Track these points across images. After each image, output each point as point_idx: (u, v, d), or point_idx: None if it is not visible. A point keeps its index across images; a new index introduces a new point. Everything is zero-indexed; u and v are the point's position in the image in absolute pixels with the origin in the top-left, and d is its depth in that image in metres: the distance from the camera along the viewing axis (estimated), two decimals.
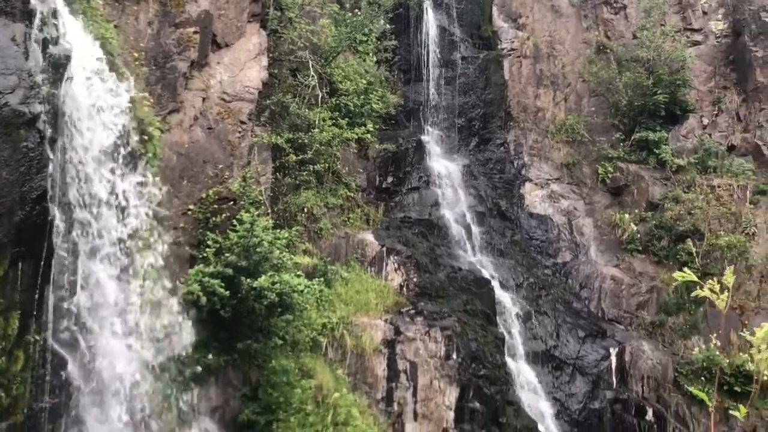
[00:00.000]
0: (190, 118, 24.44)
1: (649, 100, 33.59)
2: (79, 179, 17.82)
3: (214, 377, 21.96)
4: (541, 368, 28.29)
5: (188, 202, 23.33)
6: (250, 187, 24.34)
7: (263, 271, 21.58)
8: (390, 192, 31.15)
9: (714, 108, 34.95)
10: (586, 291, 31.58)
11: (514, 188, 33.49)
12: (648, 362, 28.88)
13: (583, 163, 34.20)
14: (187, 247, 22.62)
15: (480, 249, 30.86)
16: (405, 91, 34.18)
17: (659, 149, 33.23)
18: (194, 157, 24.09)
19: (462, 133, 34.66)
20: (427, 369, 24.61)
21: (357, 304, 25.47)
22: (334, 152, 28.26)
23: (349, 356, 24.30)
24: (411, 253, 28.15)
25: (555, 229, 32.86)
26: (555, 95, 35.37)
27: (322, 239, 27.21)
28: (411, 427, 24.06)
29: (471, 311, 26.86)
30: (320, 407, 22.61)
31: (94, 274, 18.22)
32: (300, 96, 28.28)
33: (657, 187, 32.91)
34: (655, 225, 31.97)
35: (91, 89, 18.53)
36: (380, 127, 31.09)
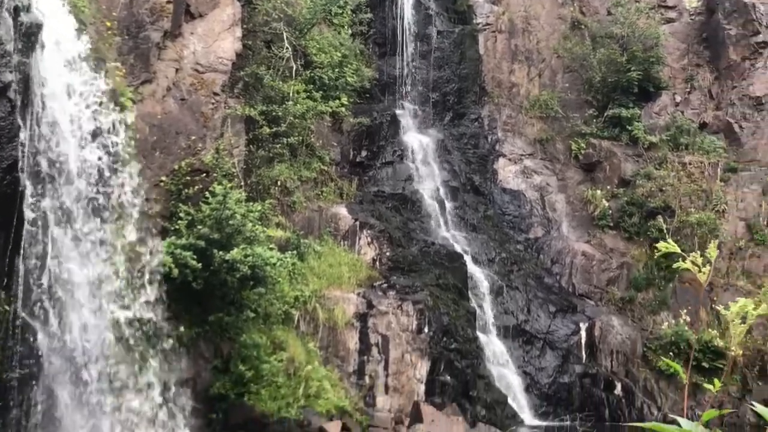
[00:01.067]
0: (162, 89, 24.25)
1: (623, 76, 33.68)
2: (50, 149, 17.67)
3: (185, 349, 21.91)
4: (512, 342, 28.49)
5: (160, 173, 23.20)
6: (223, 159, 24.22)
7: (236, 243, 21.53)
8: (364, 166, 31.12)
9: (687, 85, 35.12)
10: (557, 266, 31.77)
11: (488, 163, 33.55)
12: (617, 337, 29.15)
13: (556, 139, 34.28)
14: (159, 218, 22.50)
15: (453, 224, 30.94)
16: (380, 65, 34.06)
17: (632, 126, 33.37)
18: (167, 128, 23.93)
19: (436, 107, 34.64)
20: (398, 342, 24.71)
21: (330, 278, 25.49)
22: (308, 125, 28.16)
23: (321, 329, 24.35)
24: (384, 227, 28.18)
25: (527, 205, 32.98)
26: (529, 71, 35.39)
27: (296, 212, 27.16)
28: (382, 400, 24.18)
29: (443, 285, 26.97)
30: (292, 380, 22.66)
31: (64, 244, 18.10)
32: (274, 68, 28.13)
33: (629, 163, 33.08)
34: (626, 201, 32.17)
35: (61, 57, 18.35)
36: (355, 100, 31.00)
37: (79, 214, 18.42)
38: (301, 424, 22.01)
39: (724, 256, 30.89)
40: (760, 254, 30.77)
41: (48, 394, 17.41)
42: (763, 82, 33.74)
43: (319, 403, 22.48)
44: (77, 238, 18.40)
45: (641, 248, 31.30)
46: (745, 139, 33.13)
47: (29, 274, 16.87)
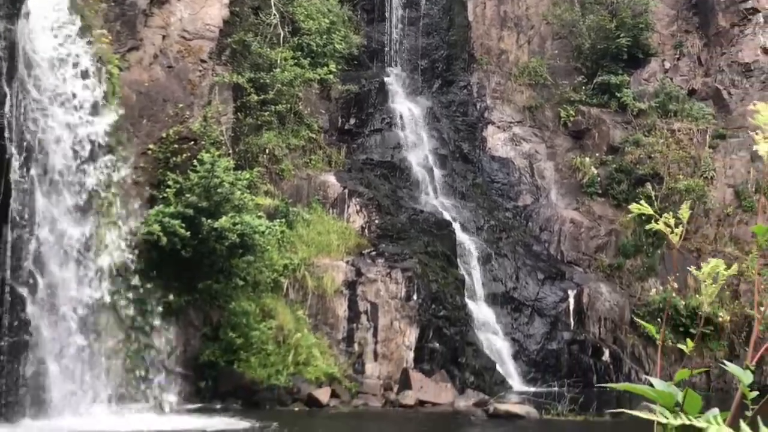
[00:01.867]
0: (149, 56, 24.10)
1: (612, 43, 33.57)
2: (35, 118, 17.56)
3: (174, 317, 21.95)
4: (501, 309, 28.58)
5: (148, 141, 23.09)
6: (210, 127, 24.13)
7: (224, 212, 21.51)
8: (352, 134, 31.03)
9: (676, 52, 35.04)
10: (545, 234, 31.82)
11: (477, 131, 33.48)
12: (605, 304, 29.28)
13: (545, 107, 34.21)
14: (147, 187, 22.44)
15: (442, 191, 30.92)
16: (368, 32, 33.86)
17: (621, 93, 33.31)
18: (154, 95, 23.80)
19: (425, 74, 34.51)
20: (387, 310, 24.77)
21: (318, 246, 25.49)
22: (296, 93, 28.02)
23: (310, 297, 24.39)
24: (373, 195, 28.16)
25: (516, 173, 32.97)
26: (518, 37, 35.23)
27: (284, 180, 27.11)
28: (371, 367, 24.27)
29: (432, 253, 26.99)
30: (281, 347, 22.72)
31: (52, 213, 18.04)
32: (261, 35, 27.95)
33: (618, 130, 33.06)
34: (615, 169, 32.18)
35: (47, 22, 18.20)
36: (343, 67, 30.84)
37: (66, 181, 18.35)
38: (291, 390, 22.11)
39: (712, 222, 31.00)
40: (747, 221, 30.87)
41: (37, 361, 17.43)
42: (752, 48, 33.68)
43: (308, 370, 22.56)
44: (64, 205, 18.35)
45: (629, 215, 31.32)
46: (734, 106, 33.12)
47: (17, 243, 16.82)
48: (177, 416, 19.47)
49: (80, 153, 19.02)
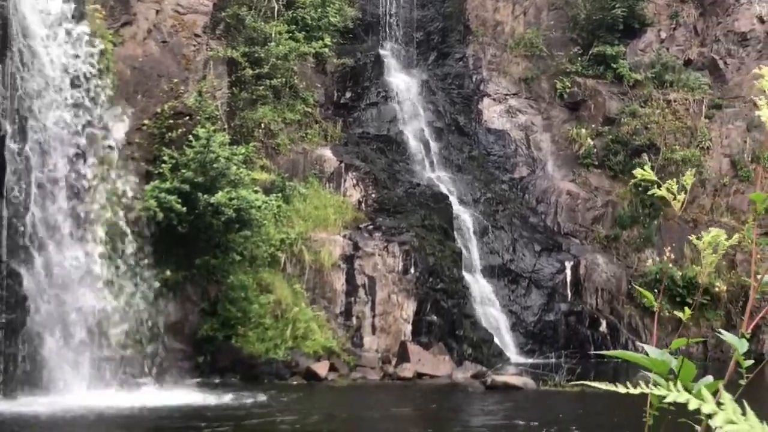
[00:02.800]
0: (143, 31, 23.96)
1: (608, 13, 33.42)
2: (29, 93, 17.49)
3: (172, 293, 21.98)
4: (498, 282, 28.64)
5: (143, 117, 23.01)
6: (205, 101, 24.04)
7: (220, 186, 21.49)
8: (348, 107, 30.95)
9: (672, 22, 34.90)
10: (542, 206, 31.83)
11: (473, 103, 33.39)
12: (602, 275, 29.35)
13: (541, 78, 34.12)
14: (143, 162, 22.39)
15: (438, 164, 30.89)
16: (363, 4, 33.67)
17: (617, 64, 33.22)
18: (148, 71, 23.69)
19: (420, 47, 34.38)
20: (385, 283, 24.81)
21: (315, 220, 25.49)
22: (291, 67, 27.91)
23: (307, 271, 24.41)
24: (369, 169, 28.13)
25: (512, 145, 32.93)
26: (514, 8, 35.07)
27: (280, 155, 27.06)
28: (369, 340, 24.34)
29: (429, 226, 27.00)
30: (279, 321, 22.77)
31: (48, 189, 18.01)
32: (256, 8, 27.80)
33: (614, 101, 33.00)
34: (611, 139, 32.16)
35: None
36: (338, 41, 30.69)
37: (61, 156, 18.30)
38: (289, 364, 22.17)
39: (709, 192, 31.02)
40: (744, 190, 30.88)
41: (35, 338, 17.45)
42: (748, 17, 33.56)
43: (306, 344, 22.62)
44: (61, 181, 18.31)
45: (626, 186, 31.35)
46: (730, 76, 33.06)
47: (13, 219, 16.79)
48: (175, 391, 19.52)
49: (74, 127, 18.95)
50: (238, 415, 16.96)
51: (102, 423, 16.37)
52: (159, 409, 17.29)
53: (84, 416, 16.34)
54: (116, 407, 17.27)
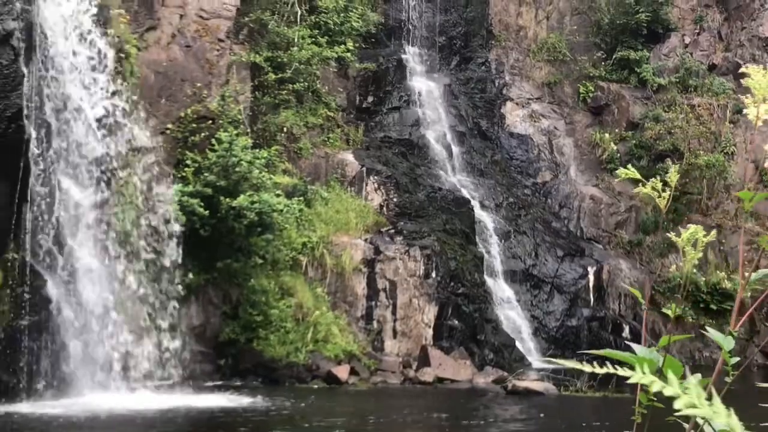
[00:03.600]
0: (167, 36, 24.13)
1: (631, 18, 33.31)
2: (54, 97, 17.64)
3: (194, 296, 22.10)
4: (520, 287, 28.58)
5: (166, 121, 23.17)
6: (228, 106, 24.17)
7: (242, 190, 21.60)
8: (370, 112, 30.99)
9: (696, 26, 34.73)
10: (565, 210, 31.74)
11: (495, 108, 33.36)
12: (625, 280, 29.22)
13: (564, 83, 34.05)
14: (166, 166, 22.52)
15: (460, 169, 30.88)
16: (385, 9, 33.72)
17: (640, 68, 33.10)
18: (172, 75, 23.85)
19: (443, 51, 34.38)
20: (406, 287, 24.82)
21: (337, 224, 25.54)
22: (313, 71, 27.98)
23: (329, 275, 24.46)
24: (391, 173, 28.16)
25: (535, 149, 32.87)
26: (537, 13, 35.03)
27: (302, 159, 27.14)
28: (390, 345, 24.36)
29: (450, 231, 26.99)
30: (300, 325, 22.83)
31: (71, 192, 18.15)
32: (279, 13, 27.90)
33: (637, 106, 32.87)
34: (634, 144, 32.04)
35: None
36: (360, 45, 30.74)
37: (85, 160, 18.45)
38: (310, 368, 22.23)
39: (733, 198, 30.83)
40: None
41: (58, 340, 17.59)
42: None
43: (327, 347, 22.67)
44: (84, 184, 18.45)
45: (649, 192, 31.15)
46: None
47: (37, 223, 16.94)
48: (198, 394, 19.60)
49: (98, 132, 19.11)
50: (262, 419, 17.02)
51: (126, 425, 16.46)
52: (182, 411, 17.37)
53: (108, 418, 16.44)
54: (140, 409, 17.36)
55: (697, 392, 1.26)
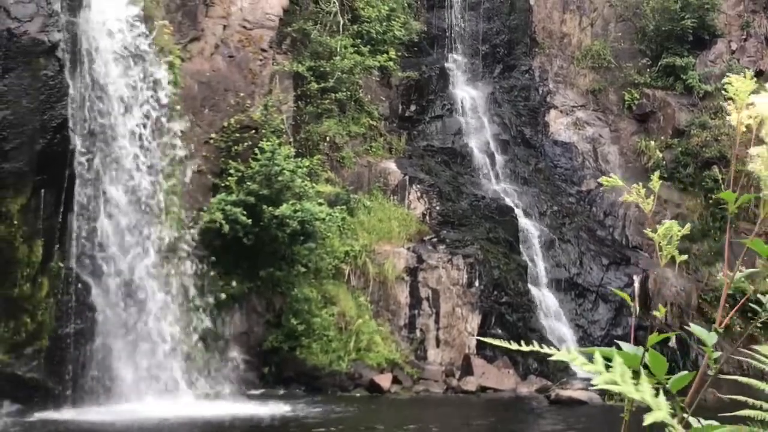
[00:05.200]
0: (211, 46, 24.35)
1: (677, 24, 32.96)
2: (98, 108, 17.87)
3: (238, 304, 22.24)
4: (564, 295, 28.35)
5: (210, 131, 23.37)
6: (271, 115, 24.32)
7: (285, 199, 21.71)
8: (413, 120, 30.98)
9: (742, 32, 34.29)
10: (610, 219, 31.45)
11: (539, 116, 33.19)
12: (672, 289, 28.87)
13: (609, 90, 33.78)
14: (210, 175, 22.73)
15: (503, 177, 30.75)
16: (428, 18, 33.72)
17: (686, 75, 32.72)
18: (215, 85, 24.06)
19: (486, 60, 34.27)
20: (449, 296, 24.75)
21: (379, 233, 25.55)
22: (356, 80, 28.06)
23: (371, 284, 24.48)
24: (434, 182, 28.12)
25: (579, 157, 32.63)
26: (581, 20, 34.81)
27: (345, 168, 27.21)
28: (433, 354, 24.29)
29: (494, 239, 26.88)
30: (343, 333, 22.87)
31: (117, 202, 18.36)
32: (321, 23, 28.04)
33: (683, 113, 32.50)
34: (680, 152, 31.67)
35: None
36: (403, 54, 30.75)
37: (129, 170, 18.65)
38: (353, 376, 22.25)
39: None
40: None
41: (103, 348, 17.78)
42: None
43: (369, 356, 22.68)
44: (129, 193, 18.65)
45: (696, 199, 30.84)
46: None
47: (82, 232, 17.16)
48: (241, 401, 19.70)
49: (142, 141, 19.32)
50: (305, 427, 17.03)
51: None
52: (227, 419, 17.44)
53: (153, 426, 16.58)
54: (185, 417, 17.47)
55: (622, 370, 1.27)
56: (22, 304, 15.97)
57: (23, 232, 15.56)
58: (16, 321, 15.94)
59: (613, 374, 1.28)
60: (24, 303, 16.00)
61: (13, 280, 15.73)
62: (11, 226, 15.42)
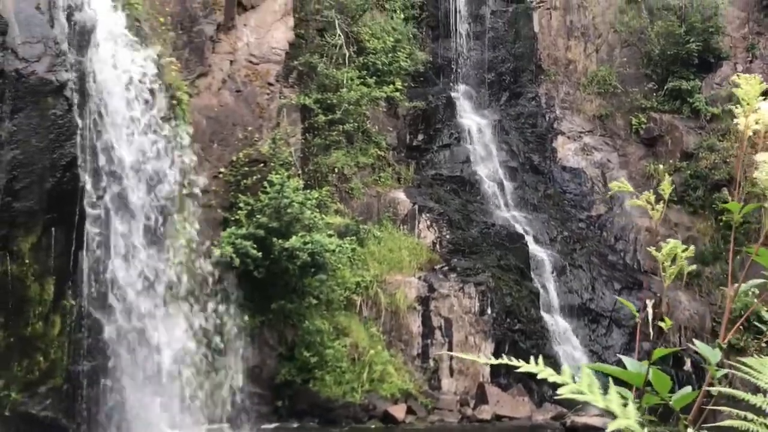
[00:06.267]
0: (218, 82, 24.51)
1: (682, 48, 33.05)
2: (108, 146, 17.98)
3: (250, 338, 22.21)
4: (577, 321, 28.24)
5: (219, 165, 23.47)
6: (279, 148, 24.42)
7: (295, 231, 21.73)
8: (421, 150, 31.06)
9: (748, 54, 34.36)
10: (621, 243, 31.39)
11: (547, 142, 33.24)
12: (685, 312, 28.74)
13: (616, 115, 33.83)
14: (220, 209, 22.80)
15: (513, 204, 30.75)
16: (434, 48, 33.93)
17: (693, 98, 32.76)
18: (224, 120, 24.19)
19: (492, 88, 34.41)
20: (461, 325, 24.69)
21: (390, 263, 25.55)
22: (363, 111, 28.18)
23: (383, 314, 24.44)
24: (443, 210, 28.14)
25: (588, 182, 32.62)
26: (586, 47, 34.95)
27: (354, 199, 27.26)
28: (447, 383, 24.20)
29: (505, 266, 26.85)
30: (356, 365, 22.81)
31: (127, 239, 18.42)
32: (327, 56, 28.21)
33: (691, 136, 32.51)
34: (690, 175, 31.64)
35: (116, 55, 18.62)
36: (409, 84, 30.91)
37: (139, 206, 18.72)
38: (366, 407, 22.16)
39: None
40: None
41: (116, 385, 17.78)
42: None
43: (383, 387, 22.60)
44: (138, 229, 18.72)
45: (707, 221, 30.78)
46: None
47: (93, 269, 17.21)
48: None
49: (152, 178, 19.41)
50: None
51: None
52: None
53: None
54: None
55: (589, 381, 1.30)
56: (35, 343, 16.00)
57: (34, 270, 15.62)
58: (30, 359, 15.97)
59: (580, 385, 1.30)
60: (37, 341, 16.03)
61: (25, 319, 15.77)
62: (23, 264, 15.49)
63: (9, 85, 15.18)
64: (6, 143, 15.09)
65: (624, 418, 1.29)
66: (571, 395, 1.28)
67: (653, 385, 1.87)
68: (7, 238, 15.25)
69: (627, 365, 1.90)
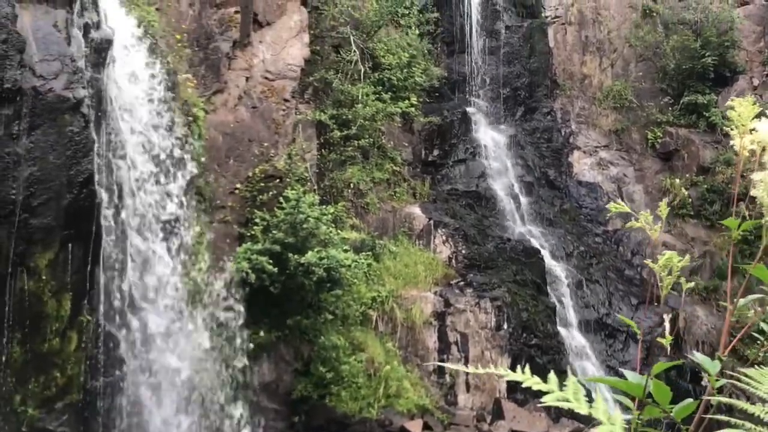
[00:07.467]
0: (234, 98, 24.61)
1: (698, 63, 33.00)
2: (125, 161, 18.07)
3: (266, 353, 22.22)
4: (594, 336, 28.15)
5: (235, 181, 23.54)
6: (295, 164, 24.48)
7: (310, 246, 21.75)
8: (436, 165, 31.09)
9: (764, 68, 34.25)
10: (637, 258, 31.26)
11: (562, 157, 33.22)
12: (702, 327, 28.59)
13: (631, 129, 33.79)
14: (235, 225, 22.85)
15: (529, 219, 30.71)
16: (449, 63, 34.01)
17: (709, 112, 32.68)
18: (239, 136, 24.28)
19: (507, 103, 34.43)
20: (477, 340, 24.64)
21: (406, 278, 25.54)
22: (378, 127, 28.25)
23: (399, 329, 24.42)
24: (459, 225, 28.13)
25: (604, 197, 32.55)
26: (601, 61, 34.95)
27: (369, 214, 27.28)
28: (464, 398, 24.14)
29: (521, 281, 26.79)
30: (372, 380, 22.78)
31: (144, 254, 18.50)
32: (343, 72, 28.30)
33: (707, 150, 32.41)
34: (706, 189, 31.53)
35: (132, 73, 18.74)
36: (424, 100, 30.96)
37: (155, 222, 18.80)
38: (383, 423, 22.12)
39: None
40: None
41: (133, 401, 17.82)
42: None
43: (399, 402, 22.56)
44: (154, 245, 18.79)
45: (724, 236, 30.63)
46: None
47: (110, 285, 17.29)
48: None
49: (168, 194, 19.50)
50: None
51: None
52: None
53: None
54: None
55: (574, 389, 1.32)
56: (52, 359, 16.07)
57: (51, 286, 15.70)
58: (47, 376, 16.03)
59: (566, 392, 1.32)
60: (54, 357, 16.09)
61: (42, 335, 15.84)
62: (40, 281, 15.57)
63: (27, 103, 15.29)
64: (23, 160, 15.20)
65: (610, 424, 1.31)
66: (557, 403, 1.30)
67: (654, 396, 1.88)
68: (24, 254, 15.34)
69: (628, 377, 1.91)
